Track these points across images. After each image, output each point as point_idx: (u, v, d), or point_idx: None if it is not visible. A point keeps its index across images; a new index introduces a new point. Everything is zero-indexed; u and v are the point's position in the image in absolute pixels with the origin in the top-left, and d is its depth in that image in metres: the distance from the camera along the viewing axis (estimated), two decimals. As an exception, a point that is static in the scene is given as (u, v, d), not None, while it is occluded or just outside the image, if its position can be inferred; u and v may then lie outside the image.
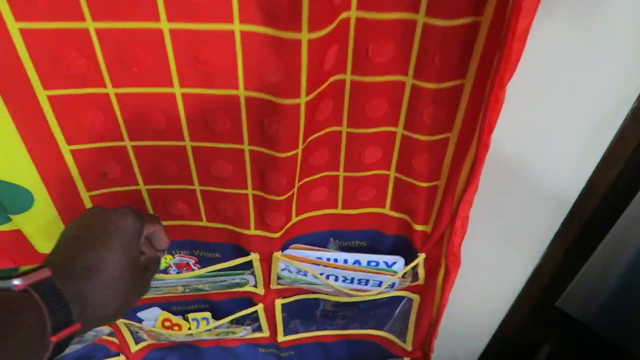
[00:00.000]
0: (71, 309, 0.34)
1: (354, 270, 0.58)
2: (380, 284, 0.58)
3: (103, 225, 0.39)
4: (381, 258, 0.58)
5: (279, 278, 0.60)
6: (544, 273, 0.69)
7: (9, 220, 0.49)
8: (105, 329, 0.66)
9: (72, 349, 0.68)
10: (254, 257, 0.56)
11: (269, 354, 0.75)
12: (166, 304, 0.64)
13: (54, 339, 0.32)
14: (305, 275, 0.58)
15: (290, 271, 0.58)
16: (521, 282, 0.71)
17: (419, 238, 0.56)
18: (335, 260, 0.58)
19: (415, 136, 0.47)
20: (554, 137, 0.50)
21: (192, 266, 0.59)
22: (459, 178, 0.49)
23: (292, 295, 0.65)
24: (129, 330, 0.67)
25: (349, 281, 0.59)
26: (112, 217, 0.40)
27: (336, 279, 0.58)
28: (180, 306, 0.64)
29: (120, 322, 0.64)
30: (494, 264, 0.69)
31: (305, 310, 0.67)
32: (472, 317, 0.77)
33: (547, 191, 0.56)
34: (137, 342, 0.70)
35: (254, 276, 0.60)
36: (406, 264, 0.58)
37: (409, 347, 0.70)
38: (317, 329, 0.71)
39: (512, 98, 0.41)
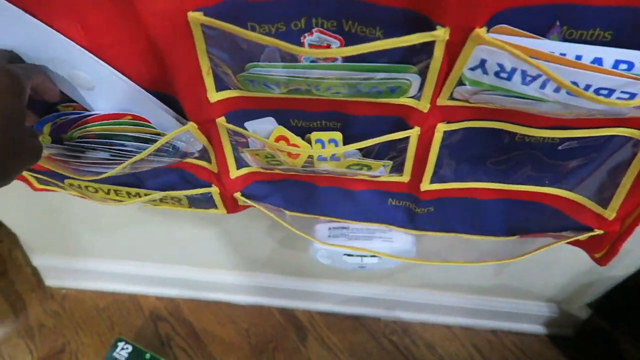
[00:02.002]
0: None
1: (593, 71, 0.36)
2: (632, 96, 0.36)
3: None
4: (639, 56, 0.36)
5: (459, 84, 0.39)
6: None
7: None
8: (197, 143, 0.49)
9: (149, 171, 0.53)
10: (440, 34, 0.35)
11: (400, 207, 0.57)
12: (283, 115, 0.45)
13: None
14: (510, 78, 0.37)
15: (484, 71, 0.37)
16: None
17: None
18: (563, 54, 0.36)
19: None
20: None
21: (334, 51, 0.39)
22: None
23: (462, 121, 0.45)
24: (231, 146, 0.50)
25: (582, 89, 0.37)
26: None
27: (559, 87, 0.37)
28: (302, 120, 0.46)
29: (224, 131, 0.47)
30: None
31: (474, 147, 0.47)
32: None
33: None
34: (238, 167, 0.53)
35: (422, 78, 0.39)
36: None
37: (610, 214, 0.49)
38: (477, 179, 0.51)
39: None
